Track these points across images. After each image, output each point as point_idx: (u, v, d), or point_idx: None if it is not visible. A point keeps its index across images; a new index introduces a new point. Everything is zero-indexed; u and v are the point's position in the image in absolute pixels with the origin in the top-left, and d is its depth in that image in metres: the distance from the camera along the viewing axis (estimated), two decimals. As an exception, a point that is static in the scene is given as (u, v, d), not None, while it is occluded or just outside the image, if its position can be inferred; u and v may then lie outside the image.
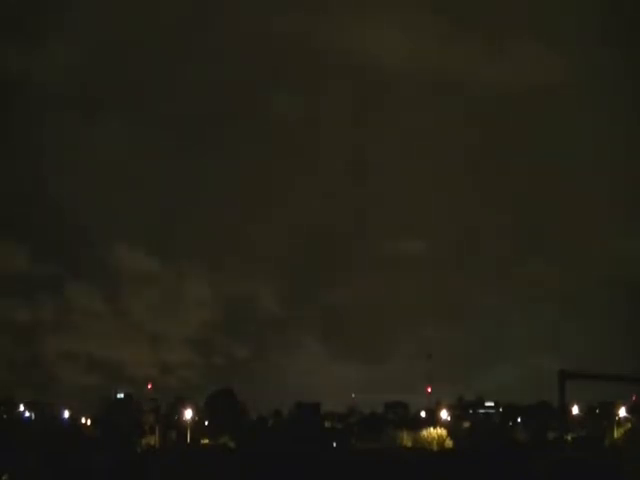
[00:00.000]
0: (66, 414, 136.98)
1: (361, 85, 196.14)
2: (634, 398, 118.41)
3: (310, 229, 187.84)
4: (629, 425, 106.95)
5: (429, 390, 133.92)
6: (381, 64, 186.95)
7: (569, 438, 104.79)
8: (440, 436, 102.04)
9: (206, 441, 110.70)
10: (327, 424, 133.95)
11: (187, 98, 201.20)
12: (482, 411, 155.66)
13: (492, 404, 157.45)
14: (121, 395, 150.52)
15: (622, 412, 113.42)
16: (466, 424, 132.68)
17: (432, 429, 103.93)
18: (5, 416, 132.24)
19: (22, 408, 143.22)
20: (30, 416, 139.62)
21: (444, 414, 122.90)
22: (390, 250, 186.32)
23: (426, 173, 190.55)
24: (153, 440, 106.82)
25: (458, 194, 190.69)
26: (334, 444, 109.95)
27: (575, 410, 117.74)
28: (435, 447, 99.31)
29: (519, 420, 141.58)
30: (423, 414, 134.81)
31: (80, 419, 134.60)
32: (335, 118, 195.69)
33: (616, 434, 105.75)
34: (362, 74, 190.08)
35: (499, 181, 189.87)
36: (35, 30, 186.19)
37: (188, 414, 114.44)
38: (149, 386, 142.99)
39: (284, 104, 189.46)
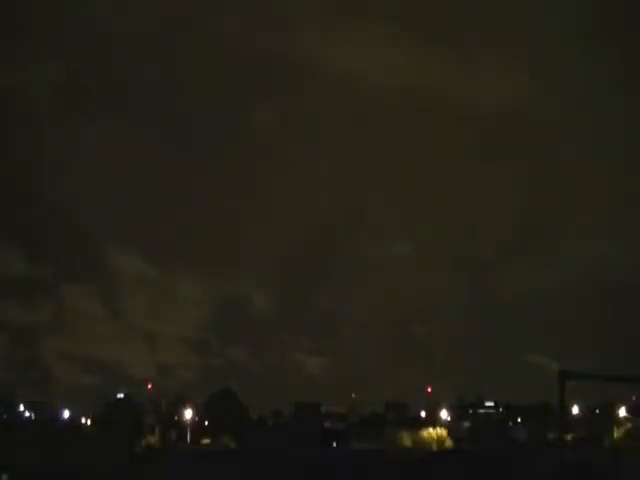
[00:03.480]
0: (66, 414, 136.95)
1: (340, 96, 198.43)
2: (634, 398, 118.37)
3: (307, 231, 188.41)
4: (629, 425, 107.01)
5: (429, 390, 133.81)
6: (356, 78, 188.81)
7: (569, 438, 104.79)
8: (440, 436, 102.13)
9: (206, 441, 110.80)
10: (327, 424, 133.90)
11: (181, 99, 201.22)
12: (482, 411, 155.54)
13: (492, 404, 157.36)
14: (121, 395, 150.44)
15: (622, 412, 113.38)
16: (466, 424, 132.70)
17: (432, 429, 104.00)
18: (5, 416, 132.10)
19: (22, 408, 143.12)
20: (30, 416, 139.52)
21: (444, 414, 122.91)
22: (387, 251, 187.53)
23: (412, 178, 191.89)
24: (153, 440, 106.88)
25: (445, 198, 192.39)
26: (334, 444, 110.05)
27: (575, 410, 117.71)
28: (435, 447, 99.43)
29: (519, 420, 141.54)
30: (423, 414, 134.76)
31: (80, 419, 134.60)
32: (319, 127, 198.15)
33: (616, 434, 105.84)
34: (338, 87, 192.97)
35: (488, 183, 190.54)
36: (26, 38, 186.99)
37: (188, 414, 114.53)
38: (149, 386, 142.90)
39: (268, 113, 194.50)
